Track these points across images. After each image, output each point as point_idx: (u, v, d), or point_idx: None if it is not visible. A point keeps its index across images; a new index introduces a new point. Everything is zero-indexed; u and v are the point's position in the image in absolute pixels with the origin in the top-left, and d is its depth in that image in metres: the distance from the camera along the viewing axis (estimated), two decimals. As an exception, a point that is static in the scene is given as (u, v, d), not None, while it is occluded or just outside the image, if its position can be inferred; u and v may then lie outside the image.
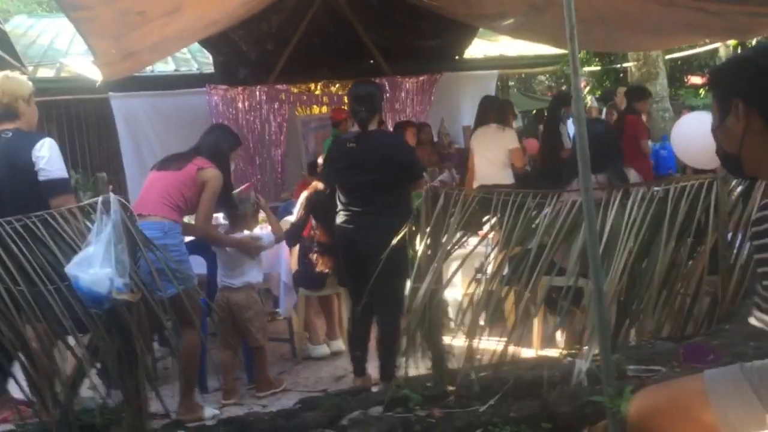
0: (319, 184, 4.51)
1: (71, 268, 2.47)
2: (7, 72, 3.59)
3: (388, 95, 7.55)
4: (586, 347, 2.61)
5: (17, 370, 2.52)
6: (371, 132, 3.91)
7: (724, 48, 10.09)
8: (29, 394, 2.62)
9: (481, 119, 6.37)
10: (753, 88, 1.47)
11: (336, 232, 4.08)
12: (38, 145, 3.32)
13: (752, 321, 1.64)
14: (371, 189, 3.84)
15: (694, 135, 4.74)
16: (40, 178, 3.30)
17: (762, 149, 1.47)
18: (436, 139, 7.40)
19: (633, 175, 4.05)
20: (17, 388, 2.57)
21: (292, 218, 4.75)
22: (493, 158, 6.05)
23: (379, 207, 3.82)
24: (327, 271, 4.46)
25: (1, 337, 2.40)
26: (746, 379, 1.58)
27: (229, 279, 4.15)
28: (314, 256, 4.49)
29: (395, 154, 3.89)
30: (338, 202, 4.03)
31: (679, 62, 11.84)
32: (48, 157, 3.31)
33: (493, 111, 6.27)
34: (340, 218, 4.00)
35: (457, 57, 8.03)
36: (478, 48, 8.52)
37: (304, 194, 4.70)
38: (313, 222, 4.53)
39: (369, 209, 3.85)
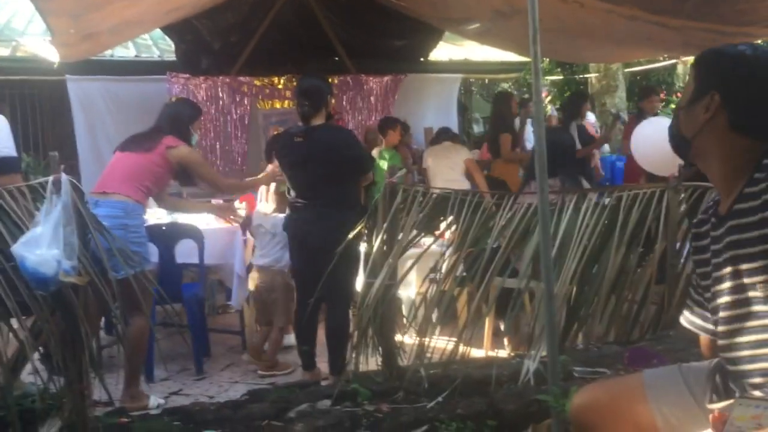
0: None
1: (17, 248, 2.41)
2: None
3: (351, 93, 7.54)
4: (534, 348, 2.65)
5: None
6: (319, 126, 3.90)
7: (682, 65, 10.35)
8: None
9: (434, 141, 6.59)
10: (735, 88, 1.47)
11: (285, 225, 4.08)
12: None
13: (682, 321, 1.70)
14: (319, 182, 3.84)
15: (654, 139, 4.73)
16: None
17: (713, 145, 1.50)
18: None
19: (585, 183, 4.14)
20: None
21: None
22: (452, 164, 6.16)
23: (328, 200, 3.83)
24: None
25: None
26: (682, 379, 1.65)
27: (258, 259, 4.37)
28: None
29: (341, 148, 3.89)
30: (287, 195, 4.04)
31: (638, 77, 12.09)
32: None
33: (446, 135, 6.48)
34: (289, 210, 4.01)
35: (422, 59, 8.06)
36: (444, 51, 8.56)
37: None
38: None
39: (317, 202, 3.85)
